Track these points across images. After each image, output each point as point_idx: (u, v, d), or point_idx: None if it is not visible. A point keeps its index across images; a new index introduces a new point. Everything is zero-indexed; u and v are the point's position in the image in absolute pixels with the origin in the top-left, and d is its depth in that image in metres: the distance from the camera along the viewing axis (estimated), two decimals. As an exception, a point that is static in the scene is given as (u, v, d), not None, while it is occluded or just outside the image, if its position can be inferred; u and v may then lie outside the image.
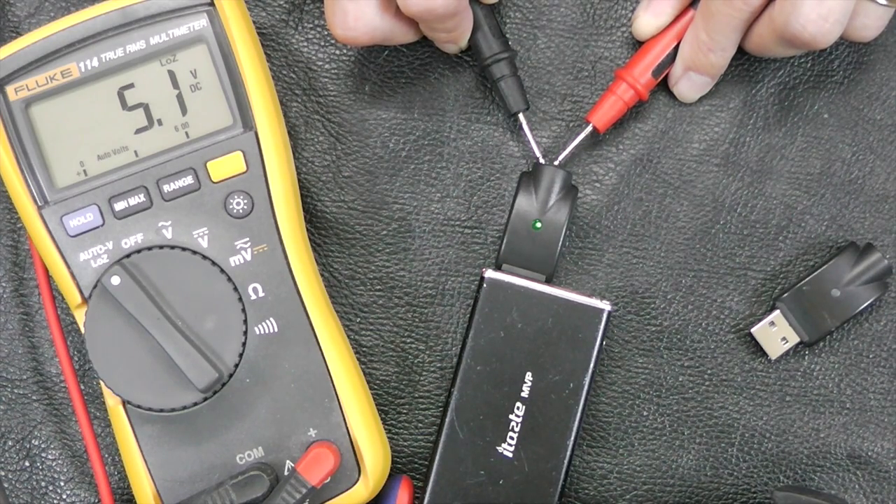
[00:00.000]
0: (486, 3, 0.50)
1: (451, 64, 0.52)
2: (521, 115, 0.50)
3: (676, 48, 0.49)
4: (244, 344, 0.45)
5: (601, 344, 0.48)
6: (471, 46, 0.50)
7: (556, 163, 0.50)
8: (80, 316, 0.46)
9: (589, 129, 0.50)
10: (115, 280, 0.44)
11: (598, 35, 0.52)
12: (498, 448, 0.48)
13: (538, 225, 0.49)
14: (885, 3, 0.46)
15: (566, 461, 0.48)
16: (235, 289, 0.45)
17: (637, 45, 0.51)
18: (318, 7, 0.52)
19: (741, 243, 0.51)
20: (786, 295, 0.50)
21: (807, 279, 0.50)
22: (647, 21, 0.50)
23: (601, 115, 0.50)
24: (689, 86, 0.50)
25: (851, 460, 0.51)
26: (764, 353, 0.51)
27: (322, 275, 0.51)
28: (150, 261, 0.45)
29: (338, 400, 0.46)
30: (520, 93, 0.50)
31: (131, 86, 0.46)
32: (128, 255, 0.45)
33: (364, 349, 0.52)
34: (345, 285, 0.52)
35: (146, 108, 0.47)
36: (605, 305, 0.48)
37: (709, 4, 0.47)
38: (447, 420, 0.48)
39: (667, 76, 0.50)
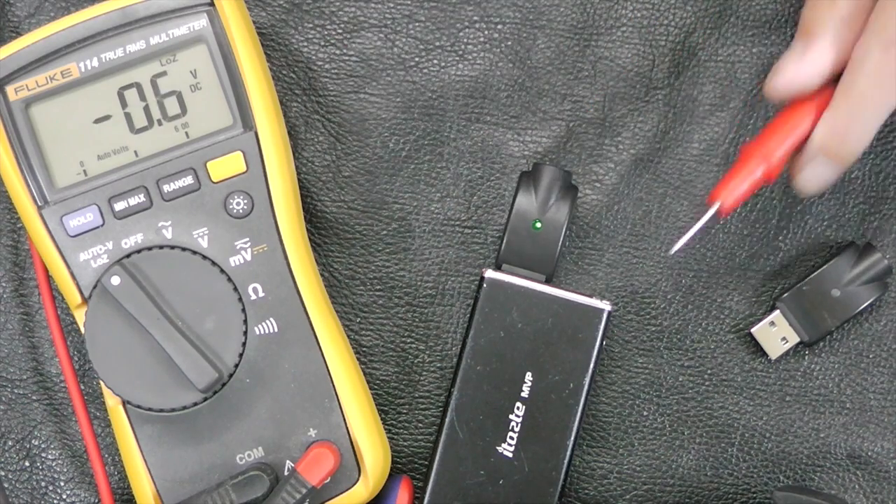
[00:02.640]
0: None
1: (451, 63, 0.52)
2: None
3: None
4: (244, 344, 0.45)
5: (601, 344, 0.48)
6: None
7: (672, 251, 0.46)
8: (80, 316, 0.46)
9: (714, 210, 0.44)
10: (115, 280, 0.44)
11: (598, 35, 0.52)
12: (498, 448, 0.48)
13: (538, 225, 0.49)
14: None
15: (566, 461, 0.48)
16: (235, 289, 0.45)
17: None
18: (318, 7, 0.52)
19: (741, 243, 0.51)
20: (786, 295, 0.50)
21: (807, 279, 0.50)
22: (782, 83, 0.42)
23: (729, 195, 0.43)
24: (814, 174, 0.43)
25: (851, 460, 0.51)
26: (764, 353, 0.51)
27: (322, 275, 0.51)
28: (150, 261, 0.45)
29: (338, 400, 0.46)
30: None
31: (131, 86, 0.46)
32: (128, 255, 0.45)
33: (364, 349, 0.52)
34: (345, 285, 0.52)
35: (146, 108, 0.47)
36: (605, 305, 0.48)
37: (855, 82, 0.40)
38: (447, 420, 0.48)
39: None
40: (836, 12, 0.41)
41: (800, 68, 0.42)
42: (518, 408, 0.48)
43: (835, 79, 0.43)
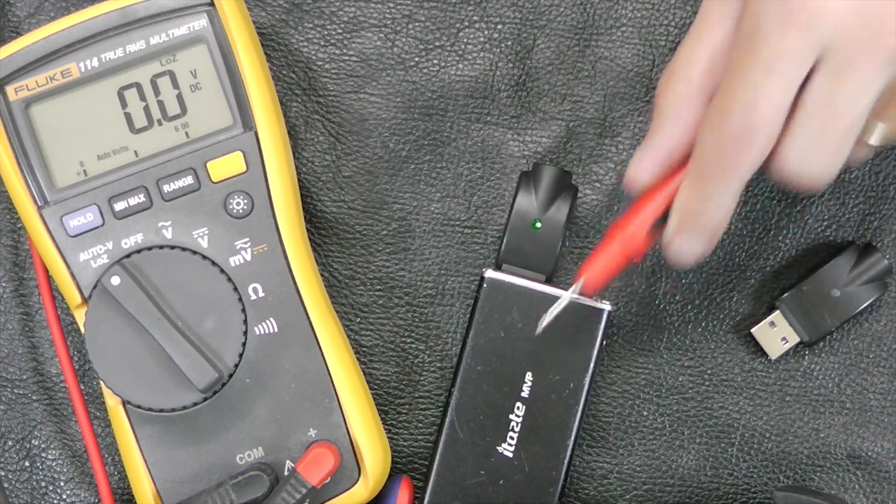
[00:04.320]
0: None
1: (451, 63, 0.52)
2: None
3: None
4: (244, 344, 0.45)
5: (601, 344, 0.48)
6: None
7: (538, 331, 0.47)
8: (80, 316, 0.46)
9: (576, 288, 0.45)
10: (115, 280, 0.44)
11: (598, 35, 0.52)
12: (498, 448, 0.48)
13: (538, 225, 0.49)
14: (875, 143, 0.44)
15: (566, 461, 0.48)
16: (235, 289, 0.45)
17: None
18: (318, 7, 0.52)
19: (741, 243, 0.51)
20: (786, 295, 0.50)
21: (807, 279, 0.50)
22: (638, 172, 0.44)
23: (592, 280, 0.45)
24: (681, 248, 0.43)
25: (851, 460, 0.51)
26: (764, 353, 0.51)
27: (322, 275, 0.51)
28: (150, 261, 0.45)
29: (338, 400, 0.46)
30: None
31: (131, 86, 0.46)
32: (128, 255, 0.45)
33: (364, 349, 0.52)
34: (345, 285, 0.52)
35: (146, 108, 0.47)
36: (605, 305, 0.48)
37: (696, 160, 0.42)
38: (447, 420, 0.48)
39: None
40: (675, 95, 0.43)
41: (647, 156, 0.44)
42: (518, 408, 0.48)
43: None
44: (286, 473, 0.46)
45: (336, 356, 0.47)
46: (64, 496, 0.52)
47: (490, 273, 0.48)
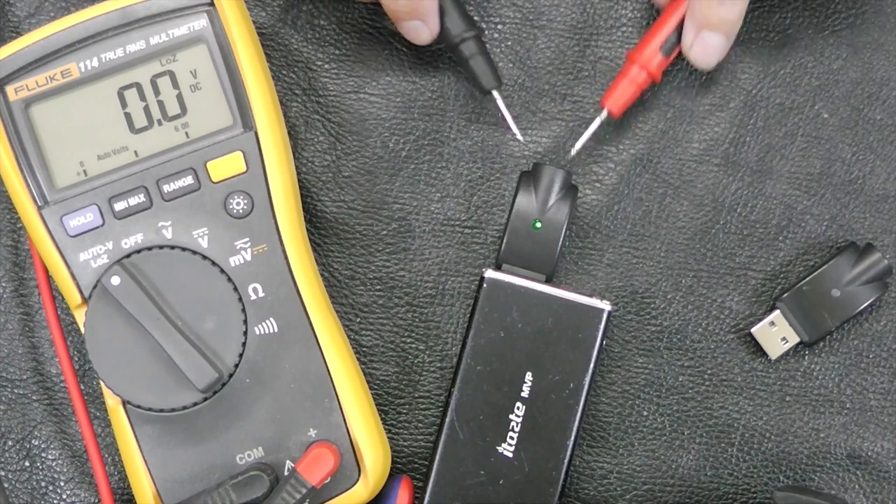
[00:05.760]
0: None
1: (451, 63, 0.52)
2: (495, 92, 0.50)
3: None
4: (244, 344, 0.45)
5: (601, 344, 0.48)
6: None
7: (573, 151, 0.50)
8: (80, 316, 0.46)
9: (604, 114, 0.50)
10: (115, 280, 0.44)
11: (598, 35, 0.52)
12: (498, 448, 0.48)
13: (538, 225, 0.49)
14: None
15: (566, 461, 0.48)
16: (235, 289, 0.45)
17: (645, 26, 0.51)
18: (318, 6, 0.52)
19: (741, 243, 0.51)
20: (786, 295, 0.50)
21: (807, 279, 0.50)
22: None
23: (616, 100, 0.49)
24: (702, 49, 0.48)
25: (851, 460, 0.51)
26: (764, 353, 0.51)
27: (322, 275, 0.51)
28: (150, 261, 0.45)
29: (338, 400, 0.46)
30: (491, 70, 0.49)
31: (131, 86, 0.46)
32: (128, 255, 0.45)
33: (364, 349, 0.52)
34: (345, 285, 0.52)
35: (146, 108, 0.47)
36: (605, 305, 0.48)
37: None
38: (447, 420, 0.48)
39: (681, 52, 0.50)
40: None
41: None
42: (518, 408, 0.48)
43: None
44: (286, 473, 0.46)
45: (336, 356, 0.47)
46: (64, 496, 0.52)
47: (490, 273, 0.48)
